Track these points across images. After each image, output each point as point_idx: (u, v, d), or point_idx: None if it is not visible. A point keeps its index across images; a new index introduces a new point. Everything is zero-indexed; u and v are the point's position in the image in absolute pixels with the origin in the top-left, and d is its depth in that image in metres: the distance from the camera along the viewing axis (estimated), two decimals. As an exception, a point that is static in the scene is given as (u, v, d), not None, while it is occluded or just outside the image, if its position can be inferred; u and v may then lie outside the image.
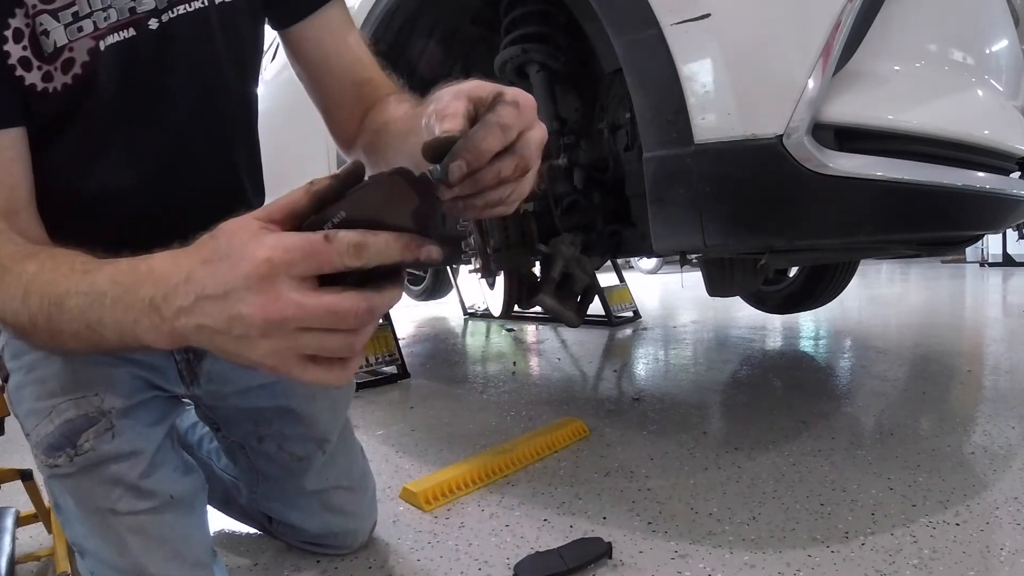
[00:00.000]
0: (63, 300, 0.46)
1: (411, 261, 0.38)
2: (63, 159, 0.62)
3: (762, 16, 0.87)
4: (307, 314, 0.37)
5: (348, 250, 0.36)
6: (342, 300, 0.37)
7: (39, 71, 0.57)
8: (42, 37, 0.57)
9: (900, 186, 0.87)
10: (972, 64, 0.98)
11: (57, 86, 0.59)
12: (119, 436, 0.66)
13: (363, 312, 0.37)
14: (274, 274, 0.36)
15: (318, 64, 0.73)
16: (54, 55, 0.58)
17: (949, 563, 0.77)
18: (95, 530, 0.66)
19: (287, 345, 0.38)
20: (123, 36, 0.60)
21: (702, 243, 0.93)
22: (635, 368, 2.10)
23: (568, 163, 1.29)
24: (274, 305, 0.36)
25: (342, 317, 0.37)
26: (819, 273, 2.26)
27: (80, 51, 0.59)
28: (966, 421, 1.32)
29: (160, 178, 0.67)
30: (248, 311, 0.37)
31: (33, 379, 0.67)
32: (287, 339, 0.38)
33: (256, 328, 0.37)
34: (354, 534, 0.89)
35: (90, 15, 0.59)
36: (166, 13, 0.62)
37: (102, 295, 0.44)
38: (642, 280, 5.86)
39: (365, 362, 2.04)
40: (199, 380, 0.78)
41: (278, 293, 0.36)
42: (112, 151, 0.64)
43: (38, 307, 0.48)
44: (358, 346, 0.40)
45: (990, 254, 6.04)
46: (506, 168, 0.42)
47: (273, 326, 0.37)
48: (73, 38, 0.58)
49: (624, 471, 1.14)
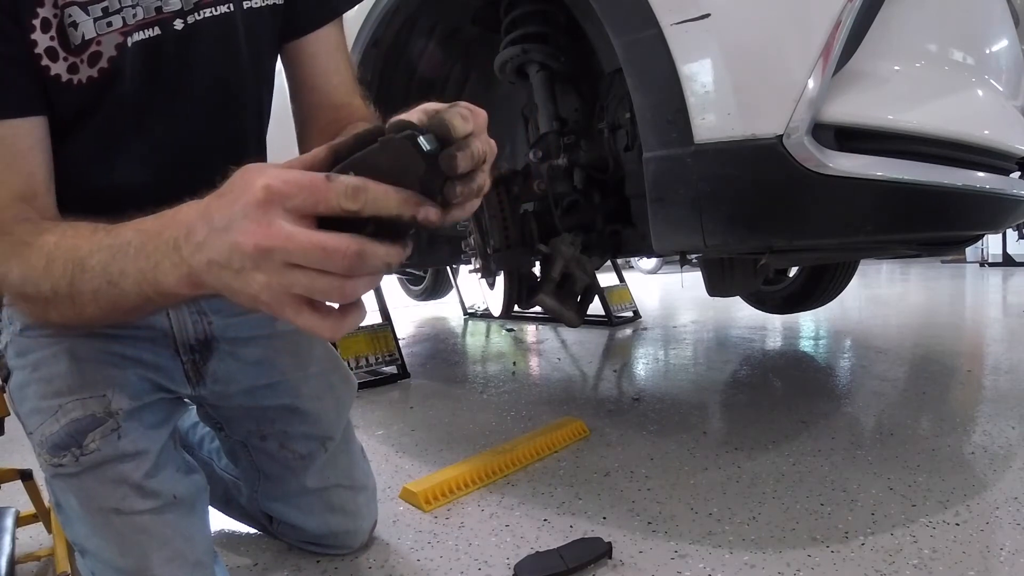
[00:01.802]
0: (85, 260, 0.47)
1: (409, 217, 0.38)
2: (81, 152, 0.63)
3: (762, 16, 0.87)
4: (296, 246, 0.36)
5: (347, 191, 0.36)
6: (332, 239, 0.37)
7: (64, 62, 0.58)
8: (70, 29, 0.57)
9: (900, 186, 0.87)
10: (972, 64, 0.98)
11: (82, 78, 0.59)
12: (125, 437, 0.67)
13: (352, 254, 0.37)
14: (270, 201, 0.36)
15: (305, 79, 0.75)
16: (81, 47, 0.58)
17: (949, 563, 0.77)
18: (97, 530, 0.66)
19: (278, 280, 0.37)
20: (148, 34, 0.61)
21: (702, 243, 0.93)
22: (635, 368, 2.10)
23: (568, 163, 1.29)
24: (265, 232, 0.36)
25: (330, 255, 0.36)
26: (819, 273, 2.26)
27: (108, 45, 0.59)
28: (966, 421, 1.32)
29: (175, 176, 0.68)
30: (242, 239, 0.37)
31: (38, 377, 0.67)
32: (278, 274, 0.37)
33: (248, 258, 0.37)
34: (354, 534, 0.89)
35: (119, 11, 0.59)
36: (192, 15, 0.63)
37: (126, 244, 0.45)
38: (642, 280, 5.85)
39: (365, 362, 2.04)
40: (205, 380, 0.78)
41: (270, 221, 0.36)
42: (130, 147, 0.65)
43: (61, 272, 0.48)
44: (349, 292, 0.38)
45: (990, 254, 6.03)
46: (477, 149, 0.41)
47: (263, 255, 0.37)
48: (102, 32, 0.59)
49: (624, 471, 1.14)
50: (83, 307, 0.49)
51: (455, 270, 3.80)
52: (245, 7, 0.67)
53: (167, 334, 0.75)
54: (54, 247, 0.50)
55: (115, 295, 0.46)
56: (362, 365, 2.03)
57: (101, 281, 0.46)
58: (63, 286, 0.48)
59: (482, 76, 1.74)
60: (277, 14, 0.71)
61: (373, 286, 0.41)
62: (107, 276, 0.46)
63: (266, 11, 0.69)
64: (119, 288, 0.46)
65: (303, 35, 0.73)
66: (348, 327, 0.40)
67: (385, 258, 0.38)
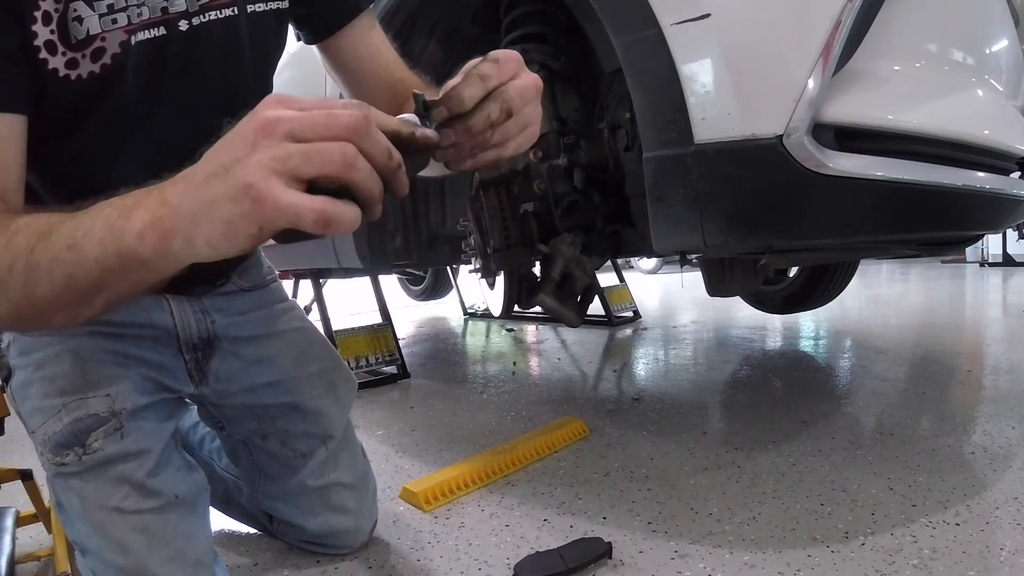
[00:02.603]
0: (54, 228, 0.44)
1: (408, 135, 0.42)
2: (80, 152, 0.63)
3: (762, 16, 0.87)
4: (299, 116, 0.37)
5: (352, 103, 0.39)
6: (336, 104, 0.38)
7: (63, 56, 0.57)
8: (74, 23, 0.57)
9: (900, 186, 0.87)
10: (972, 64, 0.98)
11: (82, 73, 0.58)
12: (128, 436, 0.67)
13: (359, 118, 0.37)
14: (281, 100, 0.38)
15: (354, 70, 0.77)
16: (84, 43, 0.57)
17: (949, 563, 0.77)
18: (99, 529, 0.66)
19: (274, 154, 0.36)
20: (153, 34, 0.61)
21: (702, 243, 0.93)
22: (635, 368, 2.10)
23: (568, 163, 1.29)
24: (271, 112, 0.37)
25: (335, 115, 0.37)
26: (819, 273, 2.26)
27: (112, 42, 0.59)
28: (966, 421, 1.32)
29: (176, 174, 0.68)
30: (247, 125, 0.38)
31: (41, 376, 0.68)
32: (276, 147, 0.36)
33: (250, 137, 0.37)
34: (354, 533, 0.89)
35: (125, 9, 0.59)
36: (197, 17, 0.63)
37: (105, 205, 0.43)
38: (642, 280, 5.85)
39: (365, 362, 2.04)
40: (207, 379, 0.79)
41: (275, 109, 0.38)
42: (131, 147, 0.65)
43: (22, 245, 0.44)
44: (349, 156, 0.37)
45: (990, 254, 6.03)
46: (493, 112, 0.47)
47: (267, 128, 0.37)
48: (106, 28, 0.58)
49: (624, 471, 1.14)
50: (35, 285, 0.44)
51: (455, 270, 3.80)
52: (249, 11, 0.67)
53: (170, 333, 0.75)
54: (23, 225, 0.46)
55: (73, 264, 0.42)
56: (362, 365, 2.03)
57: (62, 246, 0.43)
58: (21, 258, 0.44)
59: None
60: (282, 18, 0.72)
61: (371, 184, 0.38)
62: (70, 239, 0.42)
63: (270, 15, 0.70)
64: (80, 252, 0.42)
65: (335, 32, 0.75)
66: (341, 215, 0.37)
67: (387, 144, 0.39)
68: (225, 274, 0.83)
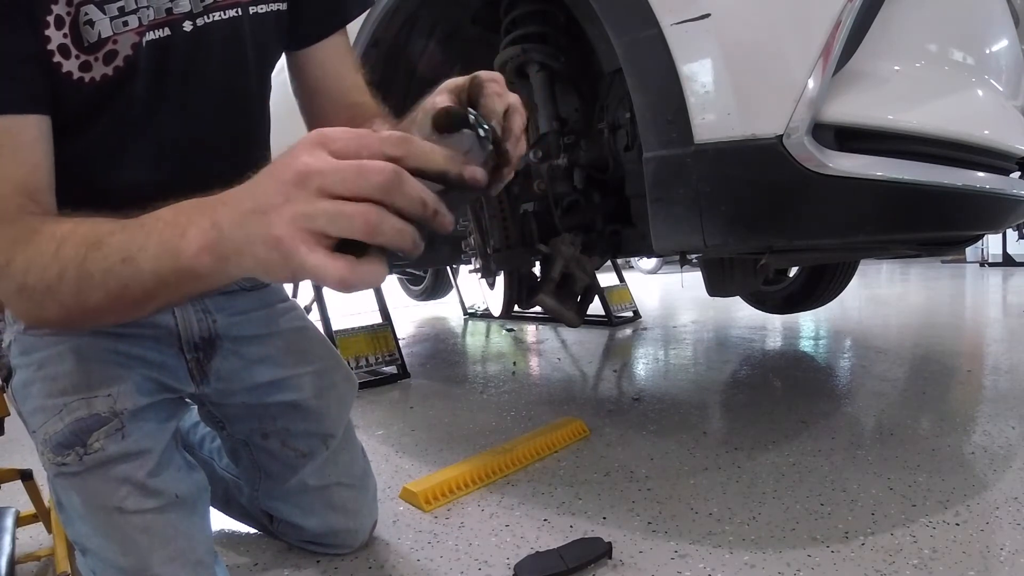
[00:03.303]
0: (104, 239, 0.46)
1: (456, 175, 0.39)
2: (88, 152, 0.63)
3: (762, 16, 0.87)
4: (333, 167, 0.37)
5: (391, 139, 0.38)
6: (369, 161, 0.37)
7: (77, 60, 0.58)
8: (85, 27, 0.58)
9: (900, 186, 0.87)
10: (972, 64, 0.98)
11: (95, 76, 0.59)
12: (129, 436, 0.67)
13: (389, 175, 0.36)
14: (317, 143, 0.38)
15: (317, 84, 0.77)
16: (96, 46, 0.58)
17: (949, 563, 0.77)
18: (99, 528, 0.66)
19: (304, 210, 0.36)
20: (158, 35, 0.62)
21: (702, 243, 0.93)
22: (635, 368, 2.10)
23: (568, 163, 1.29)
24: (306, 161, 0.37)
25: (364, 175, 0.36)
26: (819, 273, 2.26)
27: (124, 44, 0.60)
28: (966, 421, 1.32)
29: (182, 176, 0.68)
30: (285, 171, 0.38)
31: (43, 376, 0.68)
32: (307, 202, 0.36)
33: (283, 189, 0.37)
34: (354, 533, 0.89)
35: (135, 11, 0.60)
36: (201, 18, 0.64)
37: (155, 219, 0.44)
38: (642, 280, 5.85)
39: (365, 362, 2.04)
40: (209, 378, 0.79)
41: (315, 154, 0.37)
42: (138, 147, 0.66)
43: (72, 255, 0.47)
44: (374, 220, 0.36)
45: (990, 254, 6.03)
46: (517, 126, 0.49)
47: (300, 181, 0.37)
48: (118, 31, 0.59)
49: (624, 471, 1.14)
50: (88, 293, 0.47)
51: (455, 270, 3.80)
52: (252, 12, 0.68)
53: (172, 332, 0.76)
54: (69, 232, 0.48)
55: (128, 276, 0.45)
56: (362, 365, 2.03)
57: (116, 259, 0.45)
58: (72, 268, 0.46)
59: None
60: (281, 20, 0.72)
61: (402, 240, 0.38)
62: (124, 252, 0.44)
63: (271, 16, 0.71)
64: (135, 266, 0.44)
65: (313, 43, 0.76)
66: (362, 277, 0.37)
67: (421, 195, 0.38)
68: None
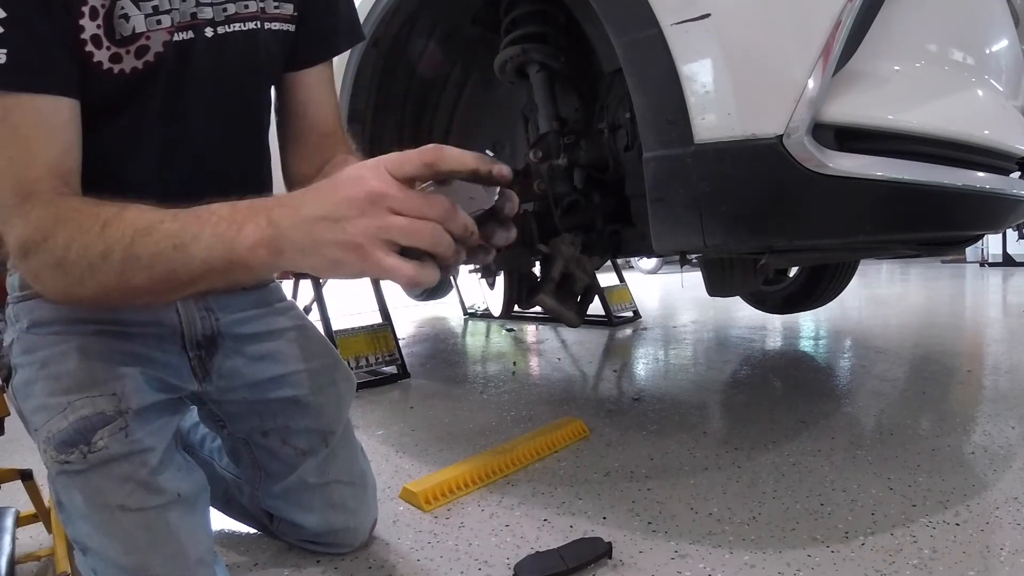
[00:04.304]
0: (155, 225, 0.50)
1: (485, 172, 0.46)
2: (105, 144, 0.65)
3: (762, 16, 0.87)
4: (401, 194, 0.44)
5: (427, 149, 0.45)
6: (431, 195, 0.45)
7: (108, 51, 0.60)
8: (120, 20, 0.60)
9: (900, 186, 0.87)
10: (972, 64, 0.98)
11: (125, 68, 0.62)
12: (132, 435, 0.68)
13: (448, 205, 0.44)
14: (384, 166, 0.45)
15: (297, 107, 0.81)
16: (130, 39, 0.61)
17: (949, 563, 0.77)
18: (101, 527, 0.66)
19: (379, 223, 0.43)
20: (184, 36, 0.65)
21: (702, 243, 0.93)
22: (635, 368, 2.10)
23: (568, 163, 1.29)
24: (379, 182, 0.44)
25: (430, 204, 0.44)
26: (819, 273, 2.26)
27: (156, 41, 0.63)
28: (966, 421, 1.32)
29: (194, 174, 0.72)
30: (355, 190, 0.44)
31: (47, 375, 0.68)
32: (381, 218, 0.43)
33: (358, 204, 0.44)
34: (354, 532, 0.89)
35: (168, 12, 0.63)
36: (222, 26, 0.68)
37: (210, 213, 0.49)
38: (642, 280, 5.86)
39: (365, 362, 2.04)
40: (211, 376, 0.80)
41: (382, 176, 0.45)
42: (145, 145, 0.68)
43: (119, 236, 0.50)
44: (438, 236, 0.44)
45: (990, 254, 6.03)
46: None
47: (374, 200, 0.44)
48: (151, 28, 0.62)
49: (624, 471, 1.14)
50: (133, 274, 0.51)
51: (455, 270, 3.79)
52: (267, 28, 0.72)
53: (176, 331, 0.77)
54: (113, 215, 0.51)
55: (177, 261, 0.49)
56: (362, 365, 2.03)
57: (167, 244, 0.49)
58: (119, 249, 0.50)
59: (482, 76, 1.74)
60: (288, 40, 0.77)
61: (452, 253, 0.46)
62: (176, 239, 0.49)
63: (282, 35, 0.75)
64: (186, 252, 0.48)
65: (304, 68, 0.79)
66: (424, 277, 0.45)
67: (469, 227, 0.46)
68: None
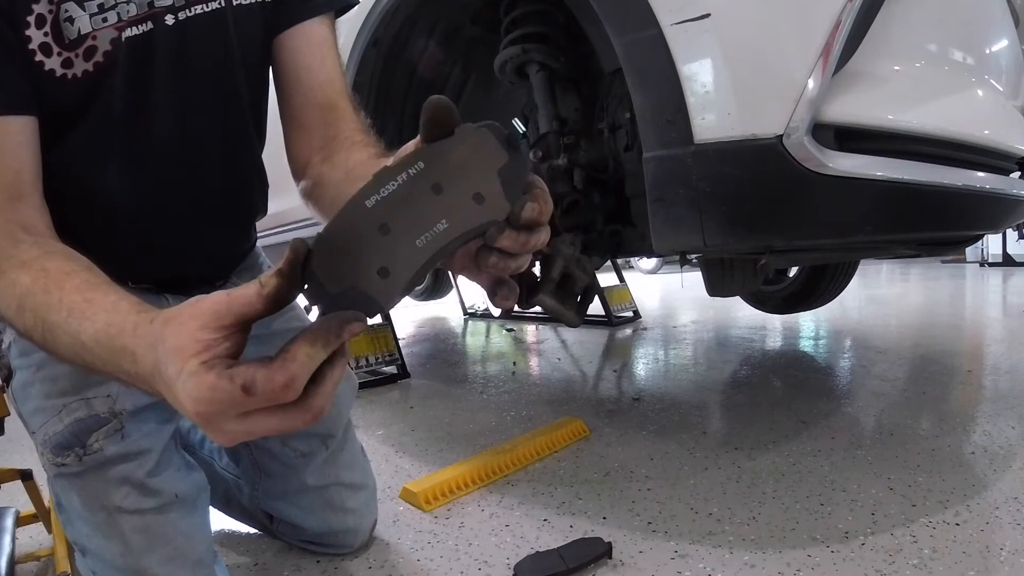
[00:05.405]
0: (54, 331, 0.46)
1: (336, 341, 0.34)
2: (76, 152, 0.63)
3: (762, 16, 0.87)
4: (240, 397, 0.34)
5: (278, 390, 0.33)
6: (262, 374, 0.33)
7: (59, 57, 0.58)
8: (66, 24, 0.58)
9: (900, 186, 0.87)
10: (972, 64, 0.98)
11: (77, 72, 0.60)
12: (128, 437, 0.67)
13: (281, 386, 0.33)
14: (212, 413, 0.35)
15: (290, 75, 0.71)
16: (77, 42, 0.59)
17: (949, 563, 0.77)
18: (99, 528, 0.66)
19: (243, 429, 0.36)
20: (141, 30, 0.62)
21: (702, 243, 0.93)
22: (635, 368, 2.10)
23: (568, 163, 1.29)
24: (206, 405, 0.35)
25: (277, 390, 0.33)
26: (819, 273, 2.26)
27: (103, 40, 0.60)
28: (966, 421, 1.32)
29: (172, 173, 0.69)
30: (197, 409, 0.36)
31: (43, 377, 0.68)
32: (238, 422, 0.35)
33: (209, 418, 0.36)
34: (354, 532, 0.89)
35: (115, 7, 0.60)
36: (183, 11, 0.63)
37: (87, 349, 0.44)
38: (642, 280, 5.85)
39: (365, 362, 2.04)
40: None
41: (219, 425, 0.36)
42: (126, 145, 0.65)
43: (32, 325, 0.48)
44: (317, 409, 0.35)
45: (990, 254, 6.04)
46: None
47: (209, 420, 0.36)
48: (97, 27, 0.59)
49: (624, 471, 1.14)
50: (59, 359, 0.49)
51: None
52: (235, 3, 0.67)
53: None
54: (25, 294, 0.48)
55: (83, 364, 0.46)
56: (362, 365, 2.03)
57: (73, 357, 0.46)
58: (36, 337, 0.48)
59: (482, 76, 1.74)
60: (266, 11, 0.71)
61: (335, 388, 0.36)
62: (77, 359, 0.46)
63: (255, 7, 0.69)
64: (90, 367, 0.45)
65: (286, 29, 0.71)
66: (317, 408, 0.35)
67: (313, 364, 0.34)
68: (225, 275, 0.84)
